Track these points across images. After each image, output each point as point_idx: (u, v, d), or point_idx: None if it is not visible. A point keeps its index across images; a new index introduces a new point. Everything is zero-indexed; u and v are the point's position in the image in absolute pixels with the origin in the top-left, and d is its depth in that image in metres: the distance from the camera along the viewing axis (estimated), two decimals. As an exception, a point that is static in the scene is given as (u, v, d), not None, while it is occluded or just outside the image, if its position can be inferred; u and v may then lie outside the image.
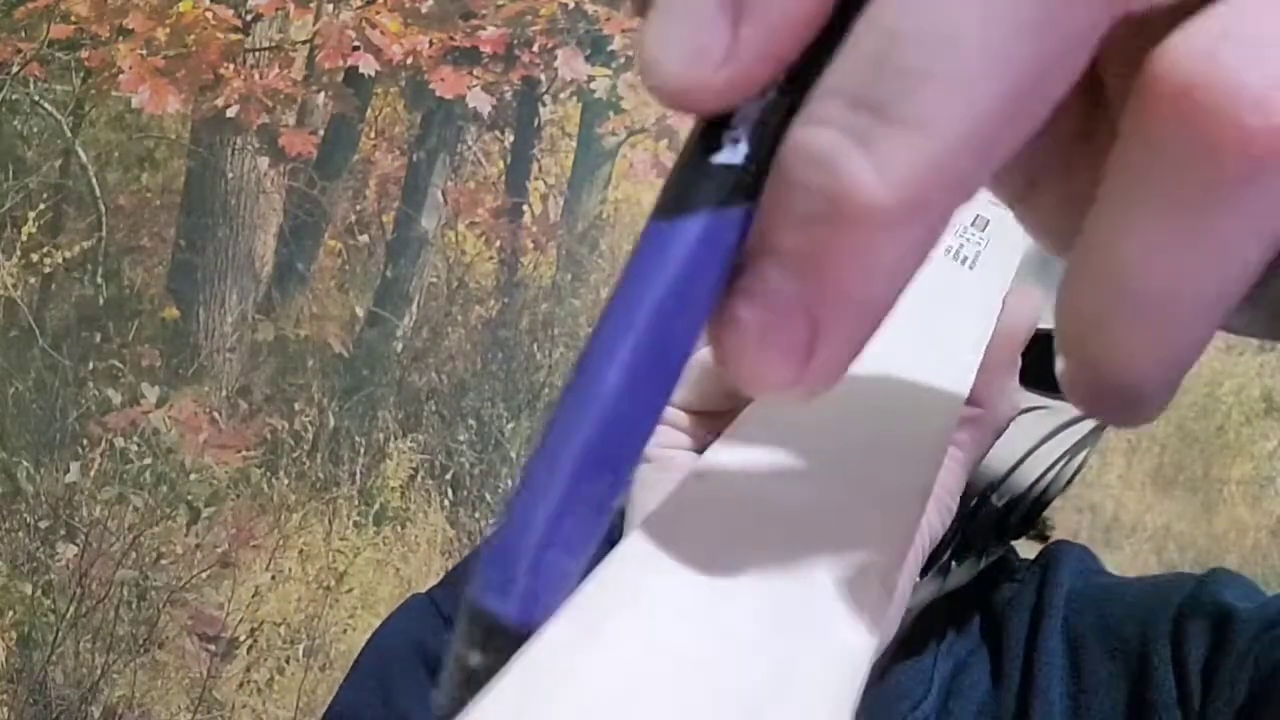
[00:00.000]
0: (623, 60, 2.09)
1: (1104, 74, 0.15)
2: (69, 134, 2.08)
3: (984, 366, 0.33)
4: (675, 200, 0.13)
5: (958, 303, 0.33)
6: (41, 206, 2.04)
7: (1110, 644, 0.60)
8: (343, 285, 2.13)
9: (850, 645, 0.16)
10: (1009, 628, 0.63)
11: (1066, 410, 0.56)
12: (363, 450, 2.02)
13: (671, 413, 0.37)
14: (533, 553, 0.14)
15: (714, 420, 0.37)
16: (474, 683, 0.14)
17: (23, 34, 2.02)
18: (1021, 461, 0.55)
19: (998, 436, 0.36)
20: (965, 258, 0.34)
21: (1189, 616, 0.57)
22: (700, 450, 0.37)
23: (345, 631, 1.93)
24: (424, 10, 2.05)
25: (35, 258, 2.02)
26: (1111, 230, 0.12)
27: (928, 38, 0.11)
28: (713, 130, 0.13)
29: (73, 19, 2.01)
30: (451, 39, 2.03)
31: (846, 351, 0.13)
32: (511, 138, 2.17)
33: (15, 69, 2.03)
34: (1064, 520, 2.03)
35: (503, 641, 0.14)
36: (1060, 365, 0.14)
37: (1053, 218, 0.17)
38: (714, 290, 0.14)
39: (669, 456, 0.37)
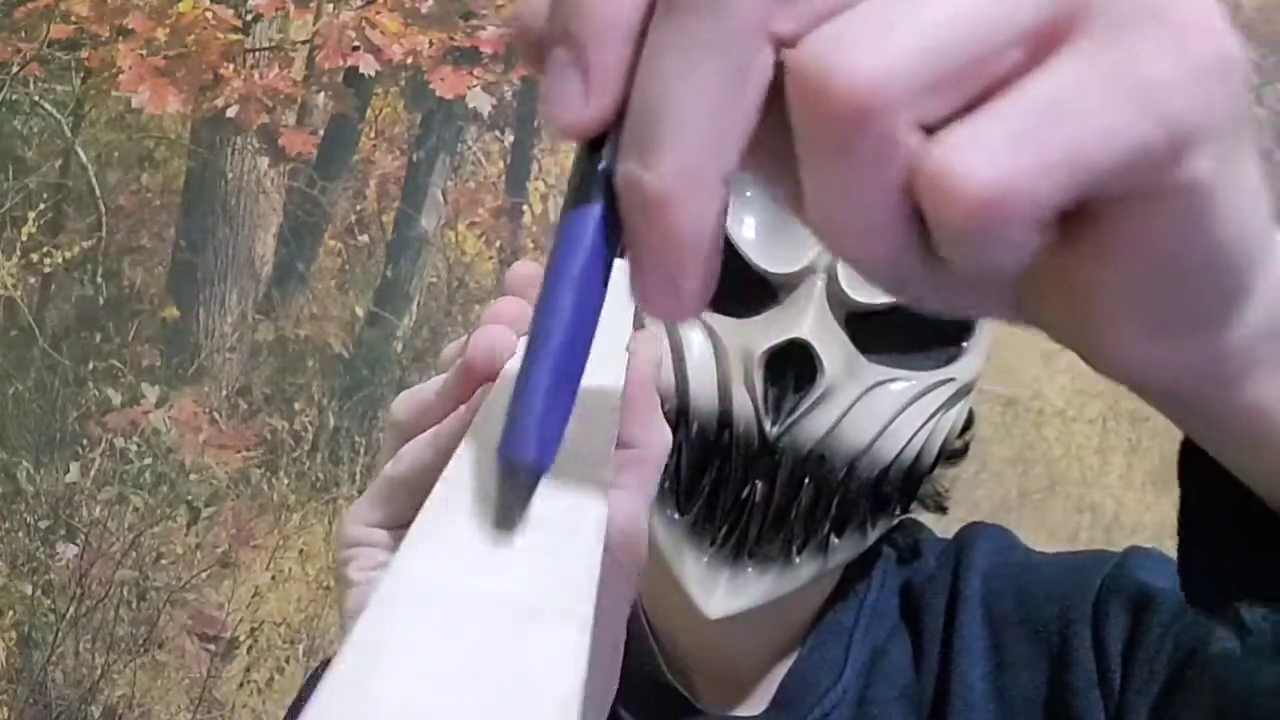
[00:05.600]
0: (623, 60, 2.09)
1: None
2: (69, 134, 2.07)
3: (627, 409, 0.34)
4: (577, 195, 0.21)
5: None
6: (41, 206, 2.04)
7: (1031, 624, 0.59)
8: (343, 285, 2.13)
9: (558, 691, 0.18)
10: (927, 611, 0.62)
11: (920, 379, 0.57)
12: (363, 450, 2.02)
13: (370, 534, 0.37)
14: (537, 415, 0.21)
15: None
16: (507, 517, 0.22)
17: (23, 34, 2.02)
18: (881, 433, 0.56)
19: (660, 469, 0.37)
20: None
21: (1109, 598, 0.57)
22: None
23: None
24: (424, 10, 2.04)
25: (35, 258, 2.02)
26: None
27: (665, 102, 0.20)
28: (594, 145, 0.21)
29: (73, 19, 2.01)
30: (451, 39, 2.03)
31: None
32: (511, 138, 2.17)
33: (15, 69, 2.03)
34: (1064, 520, 2.03)
35: (523, 479, 0.22)
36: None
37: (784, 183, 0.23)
38: (614, 240, 0.21)
39: (375, 579, 0.37)
